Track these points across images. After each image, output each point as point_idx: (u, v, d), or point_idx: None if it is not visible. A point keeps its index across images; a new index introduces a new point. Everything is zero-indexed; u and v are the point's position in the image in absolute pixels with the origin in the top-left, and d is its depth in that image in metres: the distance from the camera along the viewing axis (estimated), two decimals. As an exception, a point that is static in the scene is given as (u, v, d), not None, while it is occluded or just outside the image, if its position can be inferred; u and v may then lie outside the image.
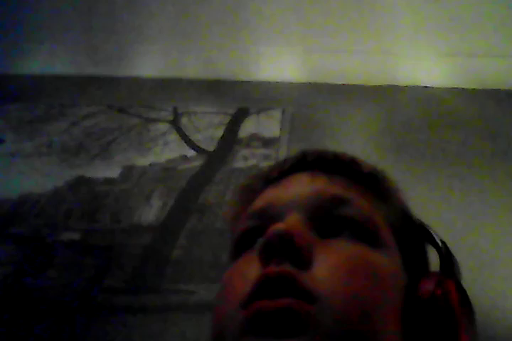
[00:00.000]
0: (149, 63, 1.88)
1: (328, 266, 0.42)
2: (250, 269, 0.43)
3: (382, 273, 0.44)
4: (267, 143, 1.57)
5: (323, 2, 1.74)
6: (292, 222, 0.44)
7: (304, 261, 0.41)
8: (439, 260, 0.50)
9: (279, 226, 0.42)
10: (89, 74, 1.86)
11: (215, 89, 1.79)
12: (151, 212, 1.36)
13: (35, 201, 1.41)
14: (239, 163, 1.51)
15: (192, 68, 1.86)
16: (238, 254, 0.48)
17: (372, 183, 0.52)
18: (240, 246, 0.48)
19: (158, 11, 1.81)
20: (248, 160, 1.52)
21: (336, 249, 0.44)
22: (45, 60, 1.89)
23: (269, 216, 0.47)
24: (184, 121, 1.68)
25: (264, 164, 1.49)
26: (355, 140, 1.54)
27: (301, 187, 0.49)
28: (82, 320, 1.09)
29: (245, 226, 0.49)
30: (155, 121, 1.69)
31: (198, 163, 1.52)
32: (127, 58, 1.88)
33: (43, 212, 1.37)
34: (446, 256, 0.49)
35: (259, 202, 0.50)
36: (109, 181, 1.47)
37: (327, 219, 0.46)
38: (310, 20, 1.78)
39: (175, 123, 1.67)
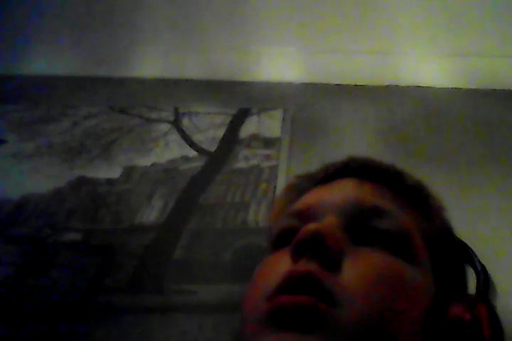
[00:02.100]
0: (150, 64, 1.88)
1: (356, 272, 0.42)
2: (280, 265, 0.44)
3: (408, 287, 0.44)
4: (268, 143, 1.57)
5: (324, 2, 1.74)
6: (327, 224, 0.45)
7: (333, 263, 0.42)
8: (476, 282, 0.49)
9: (313, 226, 0.43)
10: (90, 74, 1.87)
11: (216, 89, 1.80)
12: (152, 212, 1.36)
13: (37, 201, 1.41)
14: (240, 164, 1.51)
15: (193, 68, 1.86)
16: (275, 250, 0.49)
17: (416, 198, 0.52)
18: (277, 244, 0.49)
19: (158, 11, 1.81)
20: (249, 160, 1.52)
21: (367, 257, 0.44)
22: (46, 61, 1.90)
23: (308, 217, 0.48)
24: (185, 121, 1.68)
25: (266, 164, 1.49)
26: (356, 140, 1.54)
27: (344, 192, 0.50)
28: (83, 320, 1.09)
29: (284, 224, 0.50)
30: (156, 121, 1.69)
31: (199, 163, 1.52)
32: (128, 59, 1.88)
33: (44, 212, 1.38)
34: (484, 279, 0.49)
35: (301, 203, 0.51)
36: (110, 181, 1.47)
37: (363, 228, 0.46)
38: (311, 20, 1.78)
39: (176, 124, 1.67)
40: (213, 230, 1.30)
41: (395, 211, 0.48)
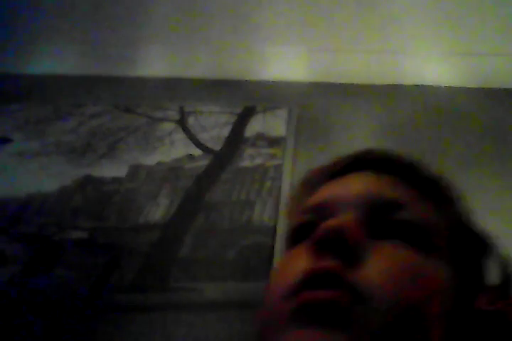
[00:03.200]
0: (155, 63, 1.88)
1: (379, 267, 0.42)
2: (300, 262, 0.43)
3: (431, 279, 0.44)
4: (273, 142, 1.57)
5: (328, 2, 1.74)
6: (347, 219, 0.44)
7: (355, 259, 0.42)
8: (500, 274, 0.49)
9: (333, 222, 0.43)
10: (96, 74, 1.87)
11: (221, 88, 1.80)
12: (157, 210, 1.37)
13: (43, 200, 1.41)
14: (245, 162, 1.51)
15: (198, 68, 1.86)
16: (292, 246, 0.49)
17: (434, 189, 0.52)
18: (295, 238, 0.49)
19: (164, 10, 1.81)
20: (254, 159, 1.52)
21: (388, 251, 0.44)
22: (52, 60, 1.90)
23: (325, 212, 0.48)
24: (190, 120, 1.69)
25: (270, 163, 1.49)
26: (360, 138, 1.54)
27: (360, 186, 0.49)
28: (89, 318, 1.10)
29: (302, 219, 0.50)
30: (161, 120, 1.69)
31: (204, 162, 1.52)
32: (133, 58, 1.89)
33: (50, 211, 1.38)
34: (507, 271, 0.49)
35: (318, 197, 0.51)
36: (116, 180, 1.48)
37: (382, 221, 0.46)
38: (315, 19, 1.77)
39: (181, 123, 1.68)
40: (218, 228, 1.30)
41: (413, 203, 0.48)
